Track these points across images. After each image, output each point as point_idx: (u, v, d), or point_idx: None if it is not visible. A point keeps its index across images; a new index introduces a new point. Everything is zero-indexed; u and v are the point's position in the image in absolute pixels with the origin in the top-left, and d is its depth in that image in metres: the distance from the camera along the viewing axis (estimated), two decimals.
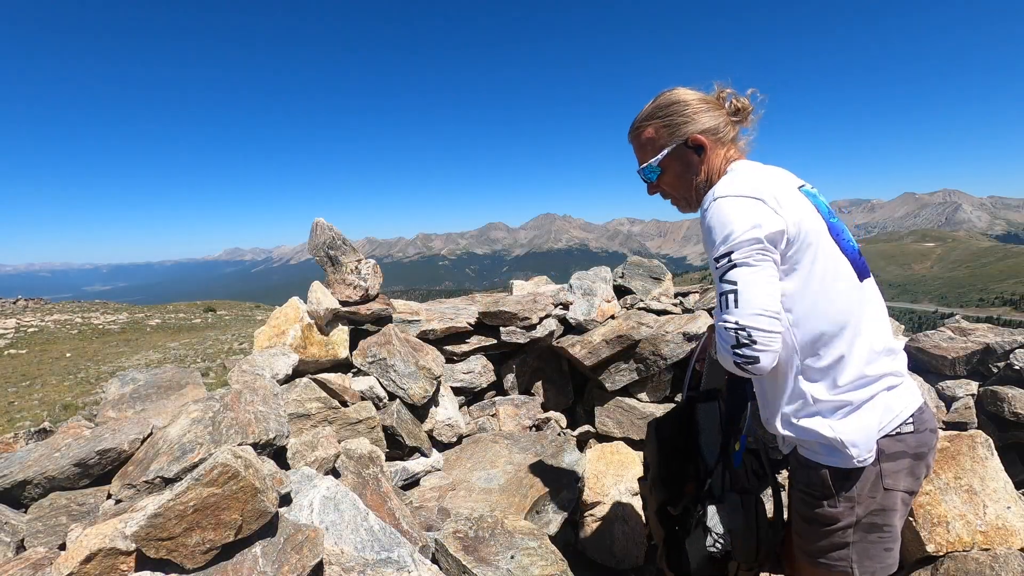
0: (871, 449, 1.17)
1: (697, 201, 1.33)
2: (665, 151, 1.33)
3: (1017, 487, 2.21)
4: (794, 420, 1.21)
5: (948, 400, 2.69)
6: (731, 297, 1.10)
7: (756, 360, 1.08)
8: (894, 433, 1.19)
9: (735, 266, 1.10)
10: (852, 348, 1.16)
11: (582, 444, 2.85)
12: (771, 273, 1.11)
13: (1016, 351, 2.57)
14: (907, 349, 3.02)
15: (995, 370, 2.66)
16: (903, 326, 3.60)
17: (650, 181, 1.40)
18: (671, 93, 1.34)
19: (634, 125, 1.39)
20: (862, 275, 1.21)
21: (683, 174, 1.34)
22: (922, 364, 2.93)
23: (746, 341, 1.08)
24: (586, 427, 2.89)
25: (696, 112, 1.30)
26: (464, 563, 1.62)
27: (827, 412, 1.17)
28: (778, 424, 1.26)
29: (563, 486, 2.29)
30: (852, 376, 1.16)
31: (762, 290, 1.09)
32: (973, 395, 2.64)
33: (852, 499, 1.19)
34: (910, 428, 1.20)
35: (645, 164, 1.37)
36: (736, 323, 1.08)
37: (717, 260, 1.12)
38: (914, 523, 2.05)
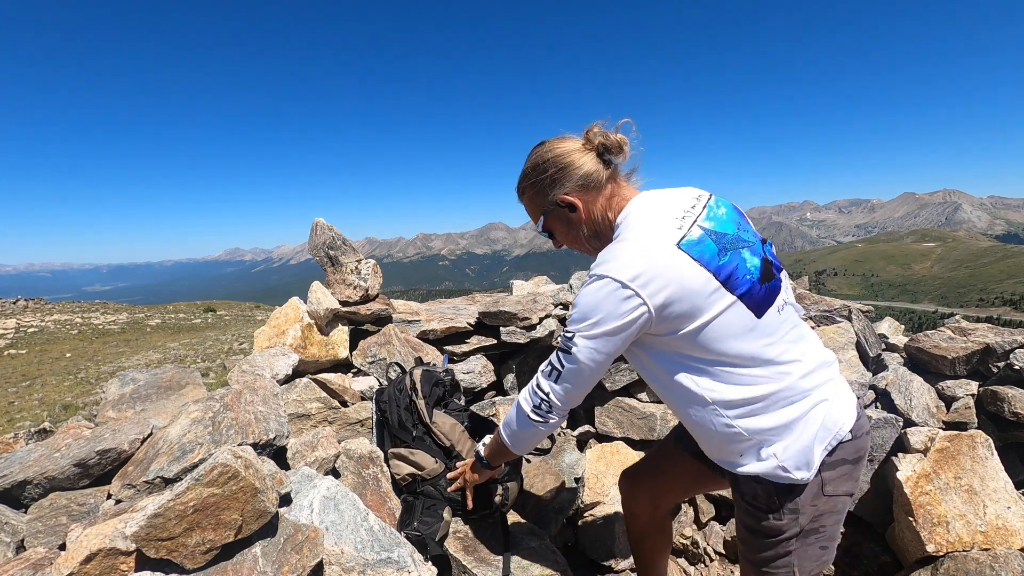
0: (814, 466, 1.18)
1: (596, 249, 1.31)
2: (543, 217, 1.33)
3: (1017, 487, 2.21)
4: (736, 457, 1.23)
5: (948, 400, 2.69)
6: (555, 375, 1.22)
7: (545, 424, 1.28)
8: (835, 446, 1.20)
9: (570, 351, 1.17)
10: (771, 379, 1.16)
11: (582, 444, 2.85)
12: (600, 362, 1.18)
13: (1016, 351, 2.57)
14: (907, 349, 3.02)
15: (995, 370, 2.66)
16: (903, 326, 3.60)
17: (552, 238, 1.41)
18: (538, 152, 1.31)
19: (517, 188, 1.38)
20: (763, 308, 1.17)
21: (568, 231, 1.34)
22: (922, 364, 2.93)
23: (547, 410, 1.26)
24: (586, 427, 2.88)
25: (562, 169, 1.26)
26: (464, 563, 1.62)
27: (766, 443, 1.18)
28: (722, 464, 1.29)
29: (563, 486, 2.29)
30: (779, 403, 1.17)
31: (578, 382, 1.22)
32: (973, 395, 2.64)
33: (796, 511, 1.21)
34: (849, 437, 1.22)
35: (536, 228, 1.38)
36: (547, 396, 1.24)
37: (567, 330, 1.19)
38: (914, 523, 2.06)
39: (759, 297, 1.17)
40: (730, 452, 1.23)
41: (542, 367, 1.27)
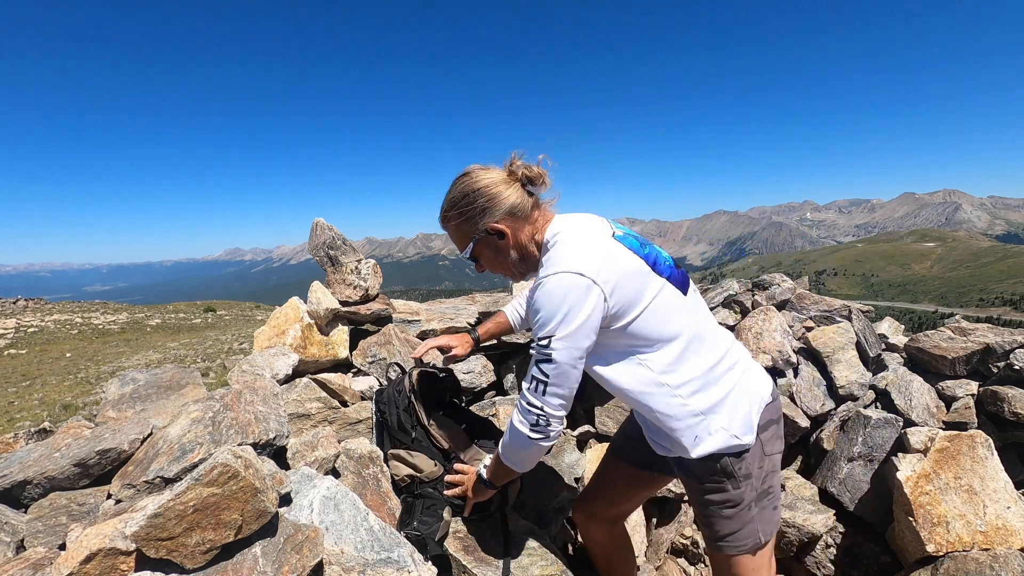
0: (755, 429, 1.33)
1: (522, 273, 1.43)
2: (471, 244, 1.38)
3: (1017, 487, 2.21)
4: (691, 441, 1.31)
5: (948, 400, 2.69)
6: (542, 386, 1.23)
7: (547, 438, 1.28)
8: (762, 409, 1.37)
9: (550, 358, 1.20)
10: (706, 353, 1.32)
11: (582, 444, 2.84)
12: (579, 359, 1.22)
13: (1016, 351, 2.57)
14: (907, 349, 3.02)
15: (995, 370, 2.66)
16: (903, 326, 3.60)
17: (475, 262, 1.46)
18: (465, 182, 1.35)
19: (440, 215, 1.42)
20: (684, 289, 1.35)
21: (496, 257, 1.40)
22: (922, 364, 2.93)
23: (545, 424, 1.26)
24: (586, 427, 2.88)
25: (490, 199, 1.32)
26: (464, 563, 1.62)
27: (716, 417, 1.30)
28: (676, 455, 1.39)
29: (563, 486, 2.29)
30: (718, 376, 1.32)
31: (566, 386, 1.24)
32: (973, 395, 2.64)
33: (749, 475, 1.34)
34: (770, 399, 1.39)
35: (466, 257, 1.42)
36: (542, 410, 1.25)
37: (540, 339, 1.22)
38: (914, 523, 2.06)
39: (679, 279, 1.34)
40: (687, 437, 1.31)
41: (525, 387, 1.28)
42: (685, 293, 1.33)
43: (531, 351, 1.32)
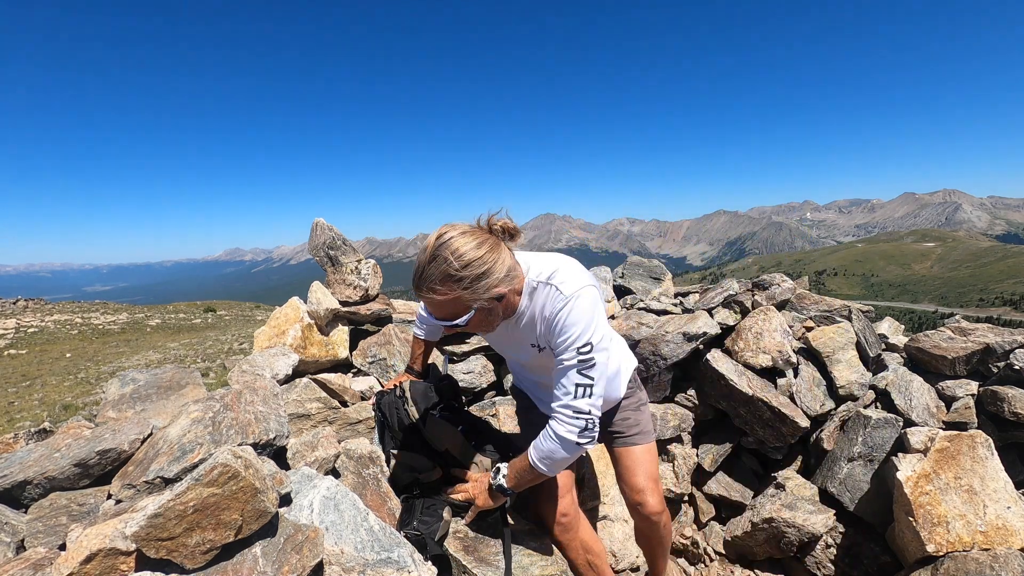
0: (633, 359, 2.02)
1: (495, 325, 1.49)
2: (471, 312, 1.35)
3: (1017, 487, 2.21)
4: (625, 386, 1.91)
5: (948, 400, 2.69)
6: (589, 390, 1.37)
7: (592, 440, 1.42)
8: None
9: (594, 362, 1.37)
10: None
11: None
12: (609, 357, 1.47)
13: (1016, 351, 2.57)
14: (907, 349, 3.02)
15: (995, 370, 2.66)
16: (903, 326, 3.60)
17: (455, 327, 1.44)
18: (455, 252, 1.28)
19: (424, 284, 1.32)
20: None
21: (485, 318, 1.42)
22: (922, 364, 2.93)
23: (592, 426, 1.39)
24: None
25: (489, 268, 1.31)
26: (464, 563, 1.62)
27: (625, 361, 1.94)
28: (615, 403, 1.91)
29: None
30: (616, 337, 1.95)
31: (603, 384, 1.41)
32: (973, 395, 2.64)
33: (642, 386, 2.03)
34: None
35: (448, 321, 1.38)
36: (590, 413, 1.38)
37: (580, 348, 1.35)
38: (914, 523, 2.06)
39: None
40: (623, 386, 1.88)
41: (567, 397, 1.37)
42: None
43: (562, 363, 1.38)
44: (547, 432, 1.43)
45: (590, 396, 1.36)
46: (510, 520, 1.79)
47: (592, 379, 1.37)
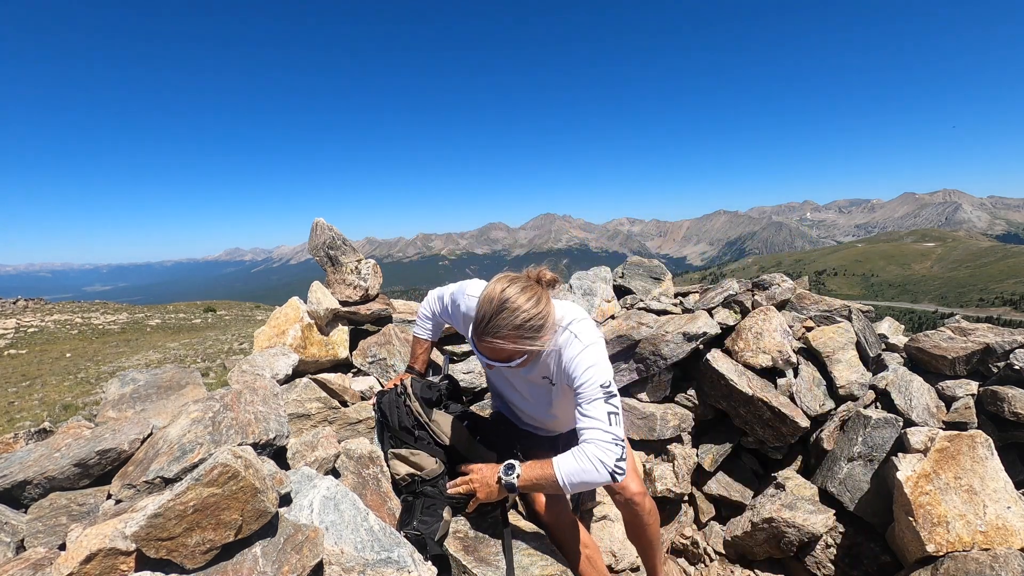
0: None
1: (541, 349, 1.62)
2: (526, 355, 1.53)
3: (1017, 487, 2.21)
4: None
5: (948, 400, 2.69)
6: (617, 417, 1.51)
7: (624, 473, 1.48)
8: None
9: (615, 394, 1.55)
10: None
11: None
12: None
13: (1016, 351, 2.57)
14: (907, 349, 3.02)
15: (995, 370, 2.66)
16: (903, 326, 3.60)
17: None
18: (518, 306, 1.47)
19: (490, 333, 1.48)
20: None
21: (530, 357, 1.57)
22: (922, 364, 2.93)
23: (625, 458, 1.49)
24: None
25: (546, 319, 1.51)
26: (464, 563, 1.62)
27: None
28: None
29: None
30: None
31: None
32: (973, 395, 2.64)
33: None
34: None
35: (503, 363, 1.54)
36: (623, 440, 1.50)
37: (603, 384, 1.53)
38: (914, 523, 2.05)
39: None
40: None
41: (602, 426, 1.48)
42: None
43: (588, 397, 1.52)
44: (582, 454, 1.49)
45: (619, 424, 1.50)
46: (510, 520, 1.79)
47: (617, 408, 1.52)
